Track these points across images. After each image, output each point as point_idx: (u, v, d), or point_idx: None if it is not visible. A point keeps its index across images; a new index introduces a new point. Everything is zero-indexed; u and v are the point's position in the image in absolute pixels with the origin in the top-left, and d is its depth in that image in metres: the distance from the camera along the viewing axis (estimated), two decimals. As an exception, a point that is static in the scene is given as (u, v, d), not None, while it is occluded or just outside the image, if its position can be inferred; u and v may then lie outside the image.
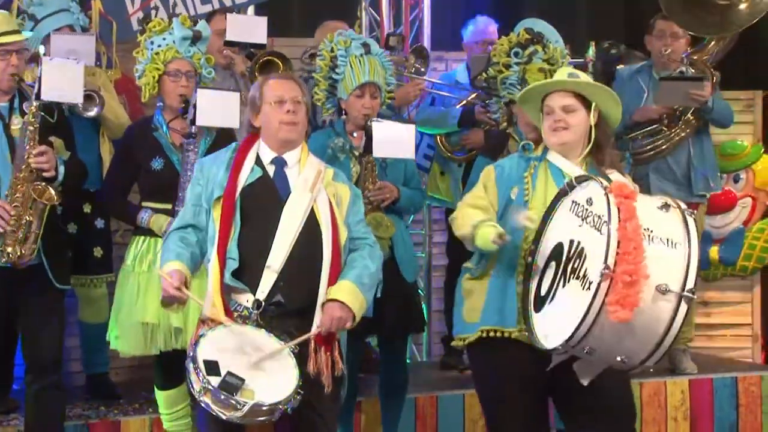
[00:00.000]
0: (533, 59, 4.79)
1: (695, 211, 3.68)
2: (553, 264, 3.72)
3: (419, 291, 5.27)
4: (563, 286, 3.63)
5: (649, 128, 5.80)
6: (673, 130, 5.77)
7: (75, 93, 4.44)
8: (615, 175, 3.91)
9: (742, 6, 5.79)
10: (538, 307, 3.73)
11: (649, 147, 5.77)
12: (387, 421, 5.03)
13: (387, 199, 4.79)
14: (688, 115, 5.77)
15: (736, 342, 6.90)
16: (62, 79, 4.37)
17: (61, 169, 4.34)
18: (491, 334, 3.91)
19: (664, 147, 5.78)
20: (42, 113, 4.35)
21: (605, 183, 3.64)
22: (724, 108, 5.80)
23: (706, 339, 6.67)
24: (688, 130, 5.79)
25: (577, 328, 3.46)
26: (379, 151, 4.72)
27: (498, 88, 4.96)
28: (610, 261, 3.42)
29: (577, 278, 3.56)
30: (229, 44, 5.40)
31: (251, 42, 5.37)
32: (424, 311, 5.26)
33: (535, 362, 3.81)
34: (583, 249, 3.59)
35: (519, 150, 4.05)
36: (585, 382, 3.75)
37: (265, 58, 5.54)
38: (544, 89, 3.99)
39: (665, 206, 3.61)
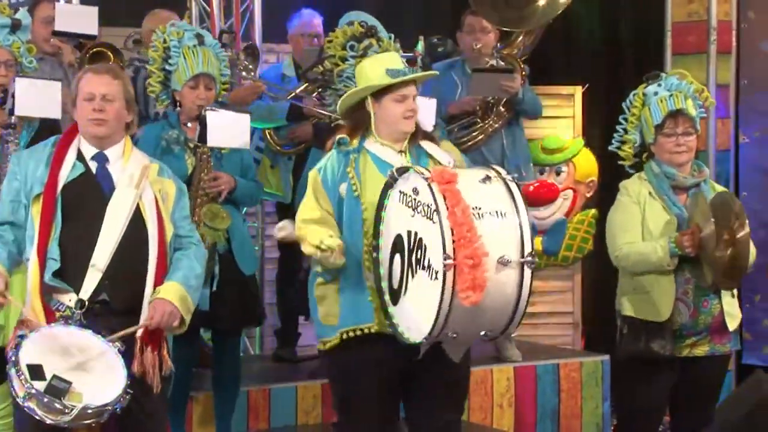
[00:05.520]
0: (368, 52, 4.84)
1: (516, 175, 3.81)
2: (397, 256, 3.77)
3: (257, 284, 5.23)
4: (413, 277, 3.70)
5: (464, 120, 5.96)
6: (486, 122, 5.94)
7: None
8: (432, 147, 4.03)
9: (541, 3, 5.98)
10: (395, 300, 3.78)
11: (465, 138, 5.92)
12: (220, 415, 5.01)
13: (223, 191, 4.76)
14: (500, 107, 5.95)
15: (558, 330, 7.14)
16: None
17: None
18: (351, 334, 3.94)
19: (479, 138, 5.94)
20: None
21: (426, 173, 3.68)
22: (533, 99, 6.01)
23: (530, 327, 6.82)
24: (500, 122, 5.97)
25: (436, 320, 3.54)
26: (213, 141, 4.68)
27: (334, 81, 4.98)
28: (449, 250, 3.49)
29: (423, 268, 3.63)
30: (58, 34, 5.25)
31: (81, 33, 5.24)
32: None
33: (398, 353, 3.86)
34: (421, 239, 3.65)
35: (335, 146, 4.07)
36: (457, 359, 3.84)
37: (94, 50, 5.41)
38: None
39: (487, 179, 3.71)
